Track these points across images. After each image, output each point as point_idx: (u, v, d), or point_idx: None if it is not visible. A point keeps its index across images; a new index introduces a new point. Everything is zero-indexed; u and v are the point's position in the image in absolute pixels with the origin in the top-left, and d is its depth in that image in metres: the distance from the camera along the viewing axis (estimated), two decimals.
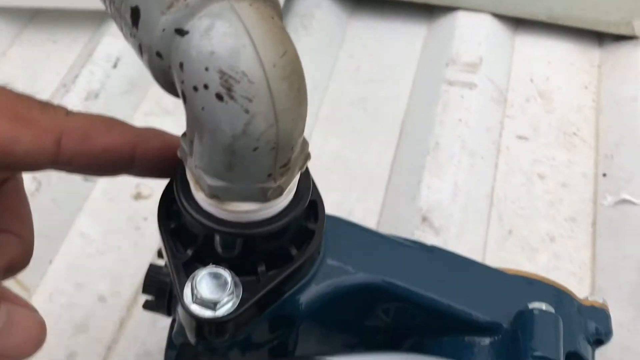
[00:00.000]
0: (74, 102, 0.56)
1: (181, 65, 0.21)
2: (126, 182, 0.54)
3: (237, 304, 0.25)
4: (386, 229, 0.46)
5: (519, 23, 0.63)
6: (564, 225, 0.51)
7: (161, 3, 0.21)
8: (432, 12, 0.64)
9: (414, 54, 0.62)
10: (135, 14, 0.22)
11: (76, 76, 0.58)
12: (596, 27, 0.61)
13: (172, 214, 0.27)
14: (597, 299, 0.35)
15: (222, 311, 0.25)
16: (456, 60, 0.58)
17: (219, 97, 0.21)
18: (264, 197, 0.24)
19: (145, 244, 0.51)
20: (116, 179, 0.51)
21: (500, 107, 0.57)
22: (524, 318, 0.30)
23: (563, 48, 0.62)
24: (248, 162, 0.22)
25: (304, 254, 0.27)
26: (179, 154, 0.25)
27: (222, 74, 0.20)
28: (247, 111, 0.21)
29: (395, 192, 0.52)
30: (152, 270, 0.34)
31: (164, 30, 0.21)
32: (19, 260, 0.29)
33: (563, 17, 0.61)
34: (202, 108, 0.21)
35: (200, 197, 0.25)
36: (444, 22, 0.62)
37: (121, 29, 0.23)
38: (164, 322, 0.45)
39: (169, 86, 0.23)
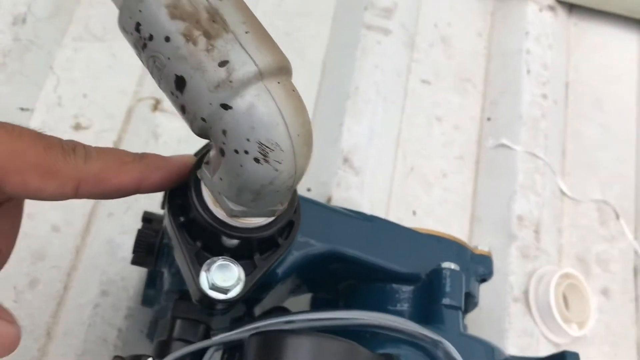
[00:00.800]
0: (0, 27, 0.56)
1: (224, 132, 0.27)
2: (63, 114, 0.56)
3: (242, 287, 0.33)
4: (311, 170, 0.54)
5: None
6: (454, 163, 0.61)
7: (209, 82, 0.26)
8: None
9: None
10: (180, 82, 0.26)
11: None
12: None
13: (179, 210, 0.33)
14: (484, 248, 0.46)
15: (232, 294, 0.32)
16: (374, 5, 0.63)
17: (256, 160, 0.27)
18: (273, 215, 0.31)
19: None
20: (52, 110, 0.54)
21: (409, 52, 0.65)
22: (438, 274, 0.40)
23: None
24: (269, 199, 0.29)
25: (288, 241, 0.34)
26: (199, 175, 0.31)
27: (260, 144, 0.26)
28: (276, 170, 0.27)
29: (319, 134, 0.59)
30: (141, 234, 0.40)
31: (210, 104, 0.26)
32: None
33: None
34: (241, 165, 0.27)
35: (218, 212, 0.31)
36: None
37: (158, 81, 0.28)
38: (124, 253, 0.51)
39: (204, 136, 0.28)
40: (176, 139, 0.56)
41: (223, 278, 0.32)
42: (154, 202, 0.42)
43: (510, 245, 0.57)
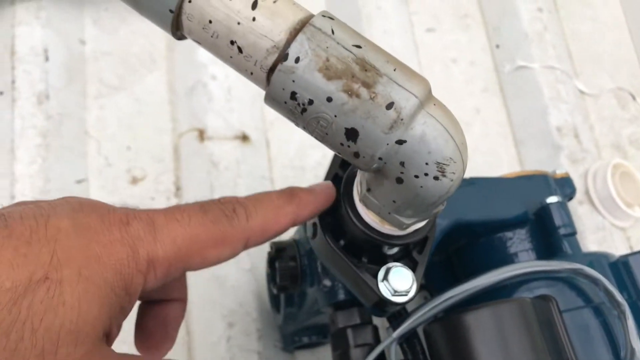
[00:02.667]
0: (29, 110, 0.55)
1: (402, 163, 0.29)
2: (116, 173, 0.57)
3: (416, 285, 0.36)
4: None
5: None
6: (481, 97, 0.65)
7: (381, 126, 0.28)
8: None
9: None
10: (352, 133, 0.29)
11: (12, 81, 0.56)
12: None
13: (335, 235, 0.36)
14: (562, 172, 0.50)
15: (412, 294, 0.35)
16: None
17: (436, 178, 0.29)
18: (434, 217, 0.34)
19: None
20: (105, 172, 0.55)
21: (405, 7, 0.67)
22: (546, 210, 0.44)
23: None
24: (441, 205, 0.32)
25: (433, 231, 0.37)
26: (363, 200, 0.33)
27: (437, 164, 0.29)
28: (452, 180, 0.30)
29: None
30: (283, 266, 0.42)
31: (387, 144, 0.28)
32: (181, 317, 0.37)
33: None
34: (421, 187, 0.30)
35: (384, 228, 0.34)
36: None
37: (321, 137, 0.30)
38: (231, 281, 0.54)
39: (375, 170, 0.30)
40: (235, 161, 0.57)
41: (400, 283, 0.35)
42: None
43: (559, 155, 0.61)
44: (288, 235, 0.44)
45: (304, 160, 0.60)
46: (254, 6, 0.29)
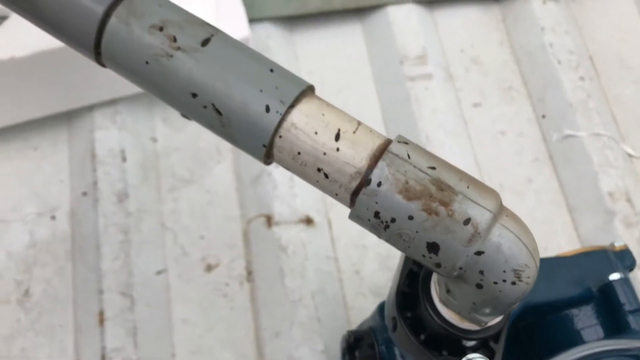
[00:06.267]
0: (110, 209, 0.60)
1: (481, 272, 0.32)
2: (192, 262, 0.61)
3: None
4: None
5: (432, 3, 0.74)
6: (532, 167, 0.67)
7: (460, 240, 0.31)
8: (361, 11, 0.73)
9: (361, 54, 0.72)
10: (433, 247, 0.31)
11: (95, 182, 0.61)
12: None
13: (415, 330, 0.39)
14: (620, 244, 0.52)
15: None
16: (407, 56, 0.69)
17: (513, 283, 0.32)
18: (509, 312, 0.36)
19: (238, 305, 0.60)
20: (181, 261, 0.58)
21: (451, 84, 0.70)
22: (609, 287, 0.46)
23: (471, 12, 0.75)
24: (516, 304, 0.34)
25: (506, 319, 0.40)
26: (443, 300, 0.36)
27: (514, 270, 0.32)
28: (527, 283, 0.32)
29: None
30: (363, 354, 0.45)
31: (467, 255, 0.31)
32: None
33: None
34: (500, 291, 0.32)
35: (464, 325, 0.36)
36: (378, 20, 0.72)
37: (404, 248, 0.33)
38: None
39: (458, 278, 0.33)
40: (301, 244, 0.61)
41: None
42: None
43: (613, 220, 0.63)
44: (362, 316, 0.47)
45: (366, 239, 0.63)
46: (337, 138, 0.33)
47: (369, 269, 0.62)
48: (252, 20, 0.67)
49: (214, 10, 0.62)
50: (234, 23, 0.60)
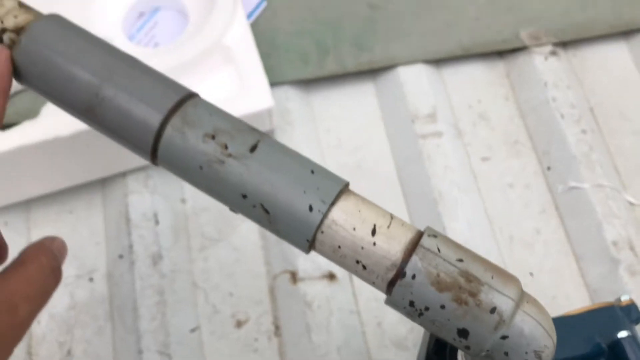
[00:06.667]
0: (146, 272, 0.64)
1: (506, 353, 0.36)
2: (223, 319, 0.64)
3: None
4: None
5: (439, 62, 0.79)
6: (540, 218, 0.71)
7: (487, 327, 0.35)
8: (374, 72, 0.78)
9: (375, 113, 0.76)
10: (463, 332, 0.35)
11: (130, 246, 0.65)
12: (497, 47, 0.78)
13: None
14: (626, 298, 0.56)
15: None
16: (418, 115, 0.73)
17: None
18: None
19: (267, 358, 0.63)
20: (213, 319, 0.62)
21: (460, 140, 0.74)
22: (619, 346, 0.50)
23: (477, 69, 0.79)
24: None
25: None
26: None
27: (535, 352, 0.35)
28: None
29: None
30: None
31: (493, 340, 0.35)
32: None
33: (471, 46, 0.78)
34: None
35: None
36: (390, 80, 0.76)
37: (438, 331, 0.36)
38: None
39: (483, 356, 0.37)
40: (325, 300, 0.64)
41: None
42: None
43: (618, 268, 0.67)
44: None
45: None
46: (373, 233, 0.37)
47: (390, 320, 0.65)
48: (272, 84, 0.71)
49: (238, 82, 0.66)
50: (258, 94, 0.64)
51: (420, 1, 0.79)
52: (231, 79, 0.67)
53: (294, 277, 0.66)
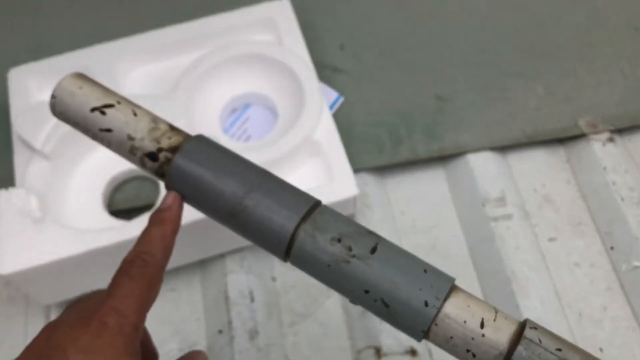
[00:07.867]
0: (244, 346, 0.70)
1: None
2: None
3: None
4: None
5: (505, 149, 0.85)
6: (606, 295, 0.76)
7: None
8: (444, 158, 0.84)
9: (446, 197, 0.83)
10: None
11: (229, 322, 0.71)
12: (557, 135, 0.84)
13: None
14: None
15: None
16: (488, 199, 0.79)
17: None
18: None
19: None
20: None
21: (528, 222, 0.80)
22: None
23: (539, 155, 0.85)
24: None
25: None
26: None
27: None
28: None
29: None
30: None
31: None
32: None
33: (534, 134, 0.84)
34: None
35: None
36: (459, 166, 0.83)
37: None
38: None
39: None
40: None
41: None
42: None
43: None
44: None
45: None
46: (482, 326, 0.42)
47: None
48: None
49: (325, 172, 0.74)
50: (344, 184, 0.71)
51: (485, 93, 0.87)
52: (318, 169, 0.75)
53: (378, 352, 0.71)
